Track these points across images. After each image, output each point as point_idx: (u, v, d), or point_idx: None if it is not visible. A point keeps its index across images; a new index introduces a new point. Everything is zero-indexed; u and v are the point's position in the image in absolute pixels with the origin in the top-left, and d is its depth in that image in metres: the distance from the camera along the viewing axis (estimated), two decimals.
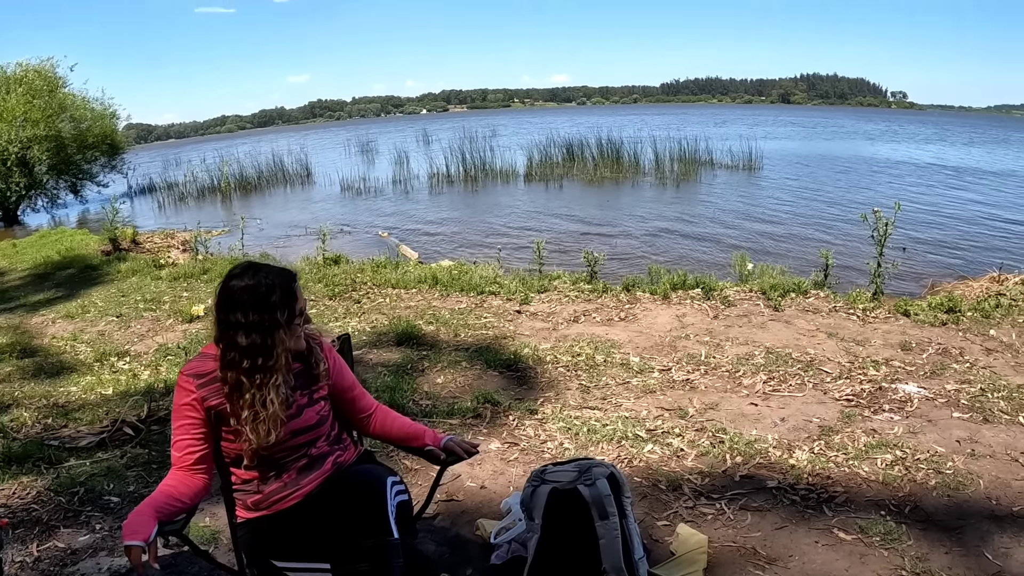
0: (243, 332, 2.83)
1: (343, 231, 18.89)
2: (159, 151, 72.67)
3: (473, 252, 14.97)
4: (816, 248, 12.14)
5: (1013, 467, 5.05)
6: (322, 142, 69.20)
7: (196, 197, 30.34)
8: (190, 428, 2.91)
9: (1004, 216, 21.48)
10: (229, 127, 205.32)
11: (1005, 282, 11.04)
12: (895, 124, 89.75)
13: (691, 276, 9.99)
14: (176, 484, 2.88)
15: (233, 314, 2.85)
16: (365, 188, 28.45)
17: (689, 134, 34.32)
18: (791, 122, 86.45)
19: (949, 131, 77.26)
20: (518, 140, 41.67)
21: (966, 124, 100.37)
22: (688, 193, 24.90)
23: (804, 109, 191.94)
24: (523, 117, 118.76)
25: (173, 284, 11.33)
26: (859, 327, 8.30)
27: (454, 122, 77.32)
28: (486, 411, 5.96)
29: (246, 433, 2.85)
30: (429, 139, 49.78)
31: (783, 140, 53.53)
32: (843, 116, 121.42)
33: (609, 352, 7.35)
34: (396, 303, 9.54)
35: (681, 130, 41.87)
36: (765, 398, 6.30)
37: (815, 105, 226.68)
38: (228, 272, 2.97)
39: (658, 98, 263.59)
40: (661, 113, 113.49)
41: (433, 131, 57.23)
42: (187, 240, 15.89)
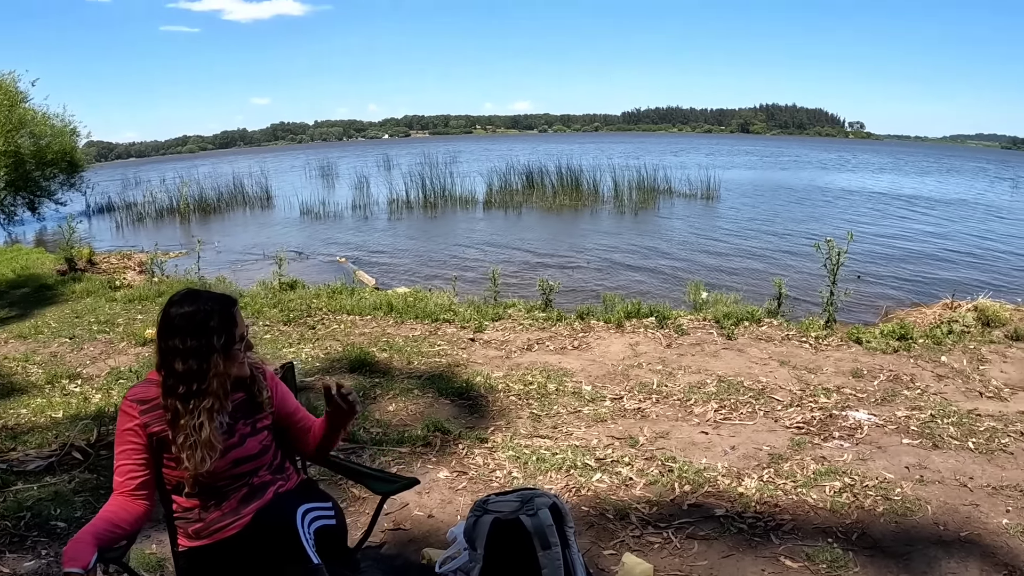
0: (180, 358, 2.83)
1: (301, 256, 18.81)
2: (119, 169, 72.10)
3: (430, 279, 14.98)
4: (771, 277, 12.23)
5: (961, 492, 5.12)
6: (283, 165, 68.99)
7: (155, 218, 30.01)
8: (132, 453, 2.88)
9: (956, 244, 21.84)
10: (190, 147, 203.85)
11: (957, 309, 11.19)
12: (851, 154, 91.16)
13: (645, 305, 10.05)
14: (117, 510, 2.85)
15: (172, 340, 2.85)
16: (324, 212, 28.33)
17: (648, 163, 34.67)
18: (749, 151, 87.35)
19: (904, 161, 78.66)
20: (478, 167, 41.74)
21: (921, 154, 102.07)
22: (646, 221, 25.08)
23: (763, 139, 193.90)
24: (484, 144, 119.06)
25: (128, 306, 11.21)
26: (811, 355, 8.38)
27: (416, 147, 77.34)
28: (436, 439, 5.94)
29: (184, 460, 2.83)
30: (390, 164, 49.70)
31: (741, 169, 54.11)
32: (801, 146, 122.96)
33: (561, 381, 7.37)
34: (351, 329, 9.51)
35: (640, 159, 42.22)
36: (716, 426, 6.34)
37: (774, 135, 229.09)
38: (169, 299, 2.97)
39: (619, 126, 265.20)
40: (621, 141, 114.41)
41: (394, 156, 57.16)
42: (144, 262, 15.72)
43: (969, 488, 5.20)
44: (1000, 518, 4.76)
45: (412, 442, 5.92)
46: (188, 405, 2.83)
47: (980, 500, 5.02)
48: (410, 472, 5.29)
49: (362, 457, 5.68)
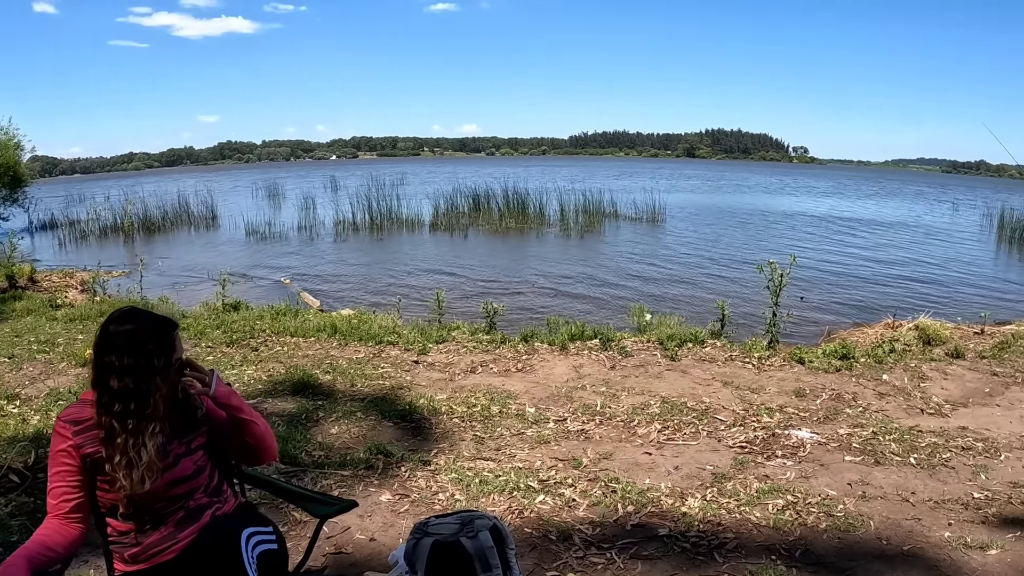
0: (116, 375, 2.77)
1: (245, 277, 18.68)
2: (63, 185, 71.24)
3: (375, 301, 14.92)
4: (714, 298, 12.34)
5: (904, 507, 5.19)
6: (230, 184, 68.40)
7: (98, 236, 29.52)
8: (66, 475, 2.82)
9: (897, 265, 22.34)
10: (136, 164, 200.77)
11: (899, 328, 11.36)
12: (794, 178, 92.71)
13: (589, 327, 10.09)
14: (51, 533, 2.79)
15: (108, 357, 2.80)
16: (270, 233, 28.15)
17: (594, 186, 34.93)
18: (693, 176, 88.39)
19: (845, 185, 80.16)
20: (426, 189, 41.75)
21: (863, 178, 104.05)
22: (591, 244, 25.28)
23: (708, 163, 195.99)
24: (432, 166, 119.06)
25: (69, 326, 11.01)
26: (754, 375, 8.46)
27: (363, 169, 77.16)
28: (379, 462, 5.89)
29: (120, 480, 2.77)
30: (337, 185, 49.53)
31: (687, 193, 54.75)
32: (745, 170, 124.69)
33: (505, 403, 7.36)
34: (294, 351, 9.43)
35: (586, 182, 42.52)
36: (659, 447, 6.36)
37: (719, 159, 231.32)
38: (109, 315, 2.93)
39: (566, 150, 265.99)
40: (568, 165, 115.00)
41: (342, 177, 56.99)
42: (86, 280, 15.52)
43: (911, 503, 5.28)
44: (942, 531, 4.84)
45: (354, 465, 5.87)
46: (126, 424, 2.78)
47: (922, 514, 5.09)
48: (352, 495, 5.25)
49: (304, 480, 5.62)
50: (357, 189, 33.54)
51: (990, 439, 6.74)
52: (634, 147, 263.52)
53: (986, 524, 5.01)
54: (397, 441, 6.43)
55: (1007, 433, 6.93)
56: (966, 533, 4.82)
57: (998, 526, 4.97)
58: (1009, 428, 7.09)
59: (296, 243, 26.14)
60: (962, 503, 5.31)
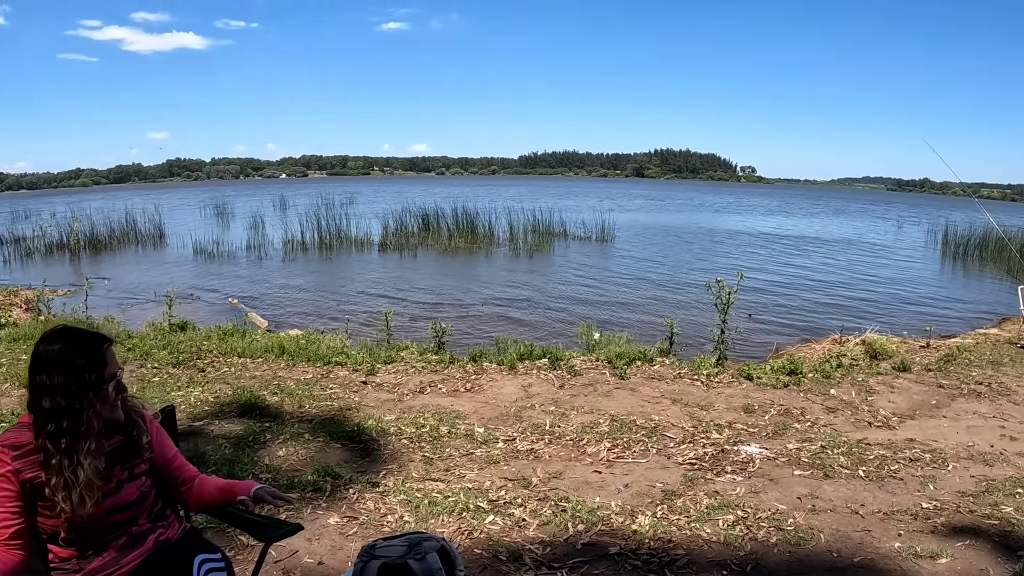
0: (48, 395, 2.74)
1: (192, 296, 18.48)
2: (9, 201, 70.34)
3: (323, 321, 14.84)
4: (663, 316, 12.40)
5: (853, 519, 5.24)
6: (178, 202, 67.82)
7: (44, 253, 29.05)
8: (5, 501, 2.75)
9: (843, 281, 22.76)
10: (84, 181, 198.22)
11: (846, 343, 11.50)
12: (742, 197, 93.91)
13: (538, 346, 10.10)
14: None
15: (40, 376, 2.77)
16: (218, 252, 27.85)
17: (544, 206, 35.03)
18: (642, 195, 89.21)
19: (792, 203, 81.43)
20: (375, 208, 41.69)
21: (809, 196, 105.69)
22: (541, 264, 25.40)
23: (657, 183, 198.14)
24: (382, 185, 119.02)
25: (12, 346, 10.79)
26: (703, 392, 8.50)
27: (313, 187, 76.87)
28: (327, 484, 5.82)
29: (59, 503, 2.71)
30: (286, 204, 49.30)
31: (636, 212, 55.23)
32: (694, 189, 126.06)
33: (454, 423, 7.31)
34: (241, 372, 9.31)
35: (536, 201, 42.66)
36: (609, 465, 6.36)
37: (668, 179, 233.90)
38: (41, 335, 2.89)
39: (516, 170, 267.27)
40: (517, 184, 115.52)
41: (291, 196, 56.77)
42: (31, 299, 15.23)
43: (861, 515, 5.33)
44: (892, 542, 4.90)
45: (302, 488, 5.79)
46: (60, 444, 2.73)
47: (872, 526, 5.14)
48: (300, 518, 5.17)
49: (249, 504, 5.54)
50: (306, 208, 33.41)
51: (937, 450, 6.87)
52: (583, 167, 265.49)
53: (935, 534, 5.08)
54: (345, 463, 6.35)
55: (954, 444, 7.07)
56: (916, 543, 4.89)
57: (947, 535, 5.05)
58: (956, 439, 7.23)
59: (244, 262, 25.93)
60: (911, 514, 5.38)
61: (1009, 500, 5.76)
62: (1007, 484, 6.10)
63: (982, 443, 7.18)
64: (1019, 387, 9.39)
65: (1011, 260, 25.50)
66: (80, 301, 14.17)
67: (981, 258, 30.03)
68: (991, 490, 5.97)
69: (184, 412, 7.47)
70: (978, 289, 23.74)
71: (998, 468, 6.55)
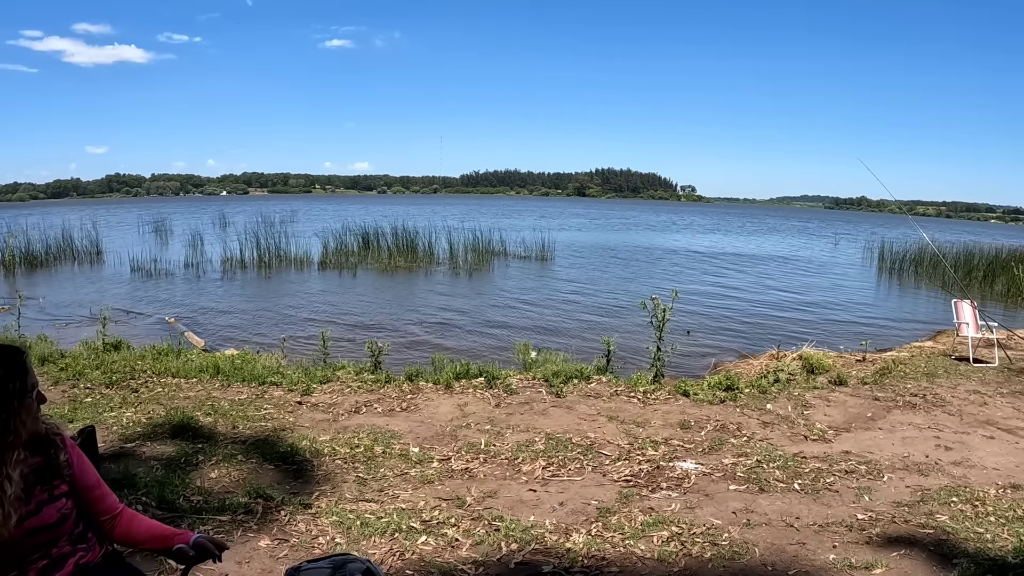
0: None
1: (129, 315, 18.17)
2: None
3: (261, 340, 14.66)
4: (600, 334, 12.40)
5: (788, 532, 5.27)
6: (116, 218, 66.97)
7: None
8: None
9: (781, 297, 23.06)
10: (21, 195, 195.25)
11: (783, 358, 11.60)
12: (681, 216, 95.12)
13: (475, 365, 10.07)
14: None
15: None
16: (156, 270, 27.41)
17: (484, 225, 35.12)
18: (579, 213, 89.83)
19: (730, 221, 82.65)
20: (316, 226, 41.50)
21: (747, 215, 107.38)
22: (480, 282, 25.41)
23: (599, 202, 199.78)
24: (323, 203, 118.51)
25: None
26: (640, 409, 8.52)
27: (253, 205, 76.37)
28: (258, 506, 5.72)
29: None
30: (226, 222, 48.86)
31: (576, 231, 55.58)
32: (634, 208, 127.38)
33: (389, 443, 7.24)
34: (176, 393, 9.15)
35: (475, 220, 42.77)
36: (544, 484, 6.32)
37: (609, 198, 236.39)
38: None
39: (458, 189, 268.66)
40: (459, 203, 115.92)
41: (231, 213, 56.38)
42: None
43: (796, 528, 5.36)
44: (827, 554, 4.94)
45: (233, 510, 5.68)
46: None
47: (807, 539, 5.17)
48: (230, 541, 5.07)
49: (180, 526, 5.42)
50: (246, 226, 33.12)
51: (873, 461, 6.96)
52: (525, 186, 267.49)
53: (870, 544, 5.14)
54: (278, 484, 6.25)
55: (889, 455, 7.17)
56: (851, 554, 4.93)
57: (882, 546, 5.10)
58: (891, 450, 7.33)
59: (182, 281, 25.55)
60: (846, 525, 5.42)
61: (944, 509, 5.85)
62: (942, 493, 6.22)
63: (917, 453, 7.30)
64: (953, 398, 9.56)
65: (945, 275, 26.03)
66: (13, 319, 13.89)
67: (916, 273, 30.64)
68: (926, 500, 6.07)
69: (116, 433, 7.35)
70: (913, 304, 24.14)
71: (933, 478, 6.65)
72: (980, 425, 8.48)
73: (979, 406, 9.32)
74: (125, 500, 5.42)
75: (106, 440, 7.06)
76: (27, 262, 29.84)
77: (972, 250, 30.51)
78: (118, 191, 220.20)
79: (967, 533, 5.39)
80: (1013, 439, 8.01)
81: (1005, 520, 5.67)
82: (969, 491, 6.31)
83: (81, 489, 3.04)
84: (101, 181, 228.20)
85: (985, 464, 7.12)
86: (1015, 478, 6.72)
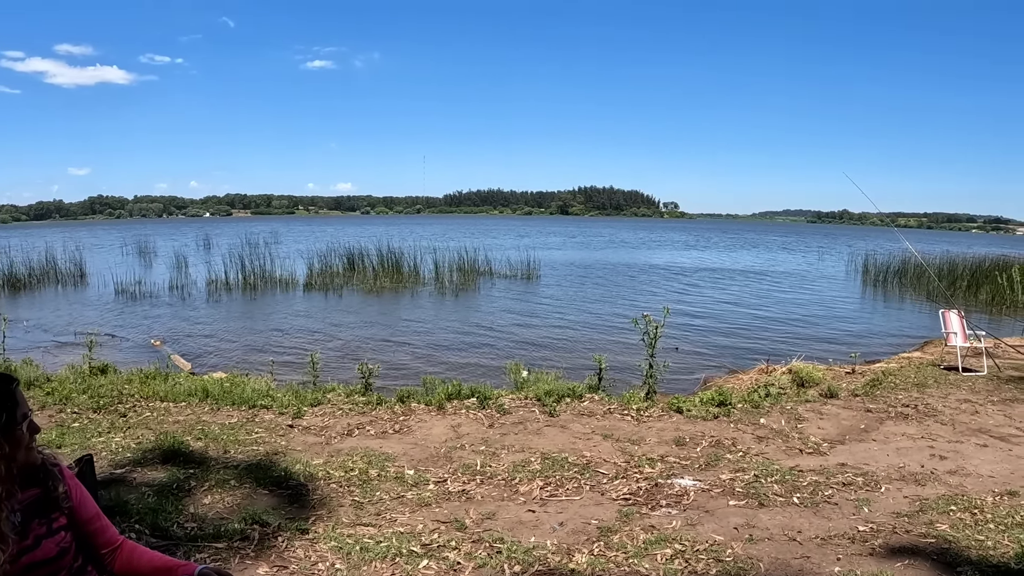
0: None
1: (114, 338, 18.07)
2: None
3: (249, 363, 14.59)
4: (591, 352, 12.39)
5: (791, 546, 5.25)
6: (100, 240, 66.73)
7: None
8: None
9: (768, 311, 23.19)
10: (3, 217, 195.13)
11: (773, 372, 11.62)
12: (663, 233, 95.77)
13: (466, 385, 10.02)
14: None
15: None
16: (141, 292, 27.34)
17: (469, 244, 35.19)
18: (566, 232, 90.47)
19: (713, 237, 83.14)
20: (300, 247, 41.46)
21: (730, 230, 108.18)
22: (466, 302, 25.45)
23: (582, 220, 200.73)
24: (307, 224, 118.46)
25: None
26: (634, 427, 8.49)
27: (237, 227, 76.21)
28: (254, 532, 5.64)
29: None
30: (210, 243, 48.75)
31: (561, 250, 55.91)
32: (618, 226, 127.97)
33: (383, 466, 7.17)
34: (164, 417, 9.06)
35: (462, 240, 42.84)
36: (543, 504, 6.28)
37: (592, 216, 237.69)
38: None
39: (441, 208, 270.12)
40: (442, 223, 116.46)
41: (215, 235, 56.22)
42: None
43: (799, 541, 5.34)
44: (832, 567, 4.93)
45: (229, 536, 5.60)
46: None
47: (810, 552, 5.16)
48: (228, 568, 5.01)
49: (176, 555, 5.35)
50: (231, 247, 33.01)
51: (869, 473, 6.97)
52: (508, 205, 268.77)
53: (874, 556, 5.13)
54: (273, 509, 6.18)
55: (885, 466, 7.17)
56: (855, 566, 4.92)
57: (886, 556, 5.10)
58: (887, 461, 7.33)
59: (167, 303, 25.44)
60: (848, 537, 5.42)
61: (943, 518, 5.86)
62: (940, 502, 6.23)
63: (912, 464, 7.32)
64: (945, 408, 9.59)
65: (930, 285, 26.19)
66: None
67: (901, 284, 30.85)
68: (925, 509, 6.08)
69: (105, 459, 7.26)
70: (899, 314, 24.28)
71: (930, 487, 6.67)
72: (973, 433, 8.52)
73: (971, 415, 9.37)
74: (117, 528, 5.35)
75: (95, 466, 6.98)
76: (10, 285, 29.74)
77: (956, 260, 30.74)
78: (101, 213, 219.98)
79: (968, 541, 5.39)
80: (1006, 446, 8.05)
81: (1005, 527, 5.69)
82: (967, 499, 6.33)
83: (81, 522, 2.98)
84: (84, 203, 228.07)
85: (980, 472, 7.15)
86: (1011, 485, 6.75)
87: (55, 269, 32.66)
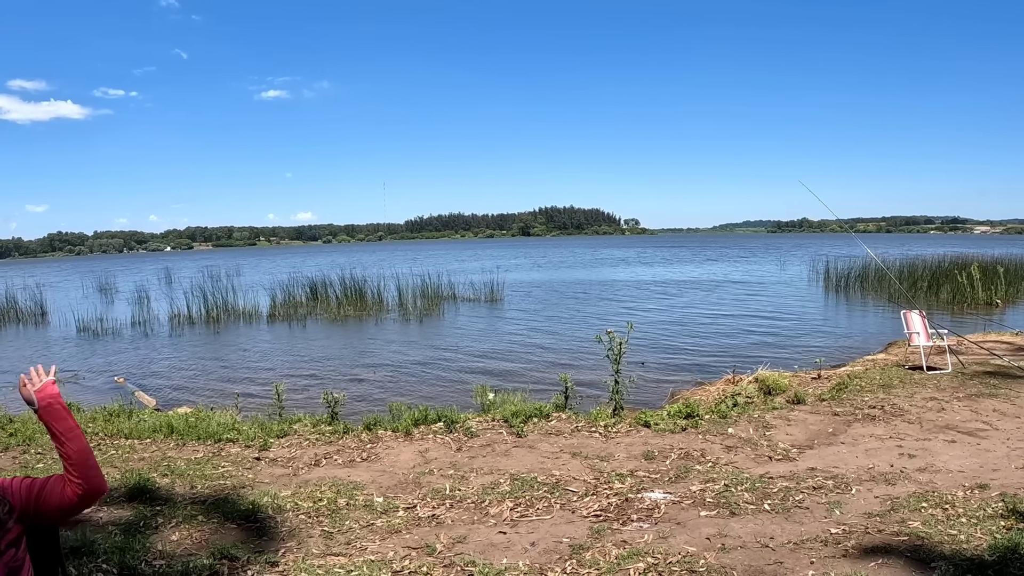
0: None
1: (77, 376, 17.89)
2: None
3: (214, 396, 14.46)
4: (558, 371, 12.37)
5: (764, 553, 5.25)
6: (60, 278, 66.10)
7: None
8: None
9: (732, 322, 23.29)
10: None
11: (739, 382, 11.67)
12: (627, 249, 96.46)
13: (433, 410, 9.97)
14: None
15: None
16: (103, 329, 27.04)
17: (432, 269, 35.24)
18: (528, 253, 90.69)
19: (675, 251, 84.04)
20: (263, 279, 41.28)
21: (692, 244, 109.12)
22: (431, 327, 25.43)
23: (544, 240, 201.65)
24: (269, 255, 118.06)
25: None
26: (602, 443, 8.48)
27: (199, 260, 75.87)
28: (223, 567, 5.56)
29: None
30: (171, 278, 48.44)
31: (524, 271, 56.02)
32: (579, 245, 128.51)
33: (352, 494, 7.10)
34: (129, 454, 8.95)
35: (424, 265, 42.87)
36: (514, 525, 6.24)
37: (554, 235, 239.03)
38: None
39: (403, 235, 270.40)
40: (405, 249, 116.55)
41: (176, 269, 55.96)
42: None
43: (771, 548, 5.35)
44: (805, 571, 4.93)
45: (198, 572, 5.52)
46: None
47: (784, 557, 5.16)
48: None
49: None
50: (192, 281, 32.82)
51: (839, 476, 7.01)
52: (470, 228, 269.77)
53: (847, 557, 5.15)
54: (242, 543, 6.09)
55: (855, 468, 7.21)
56: (829, 568, 4.93)
57: (859, 557, 5.12)
58: (856, 463, 7.38)
59: (130, 339, 25.19)
60: (821, 540, 5.43)
61: (915, 515, 5.90)
62: (911, 500, 6.27)
63: (882, 464, 7.37)
64: (911, 407, 9.66)
65: (891, 287, 26.46)
66: None
67: (863, 288, 31.17)
68: (896, 508, 6.11)
69: None
70: (862, 318, 24.50)
71: (900, 486, 6.71)
72: (940, 430, 8.59)
73: (937, 412, 9.44)
74: (85, 568, 5.27)
75: None
76: None
77: (915, 262, 31.08)
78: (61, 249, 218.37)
79: (941, 536, 5.42)
80: (974, 441, 8.12)
81: (977, 520, 5.73)
82: (938, 495, 6.37)
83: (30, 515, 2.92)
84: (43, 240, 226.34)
85: (950, 468, 7.21)
86: (981, 478, 6.81)
87: (15, 308, 32.32)
